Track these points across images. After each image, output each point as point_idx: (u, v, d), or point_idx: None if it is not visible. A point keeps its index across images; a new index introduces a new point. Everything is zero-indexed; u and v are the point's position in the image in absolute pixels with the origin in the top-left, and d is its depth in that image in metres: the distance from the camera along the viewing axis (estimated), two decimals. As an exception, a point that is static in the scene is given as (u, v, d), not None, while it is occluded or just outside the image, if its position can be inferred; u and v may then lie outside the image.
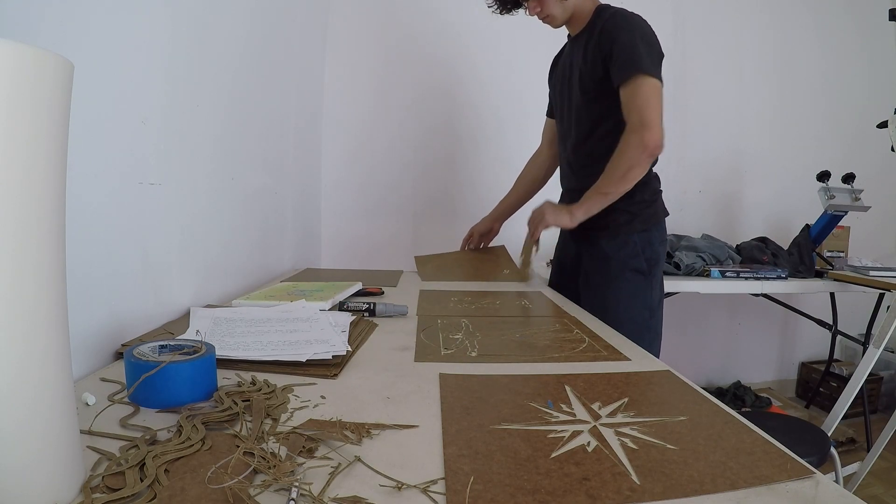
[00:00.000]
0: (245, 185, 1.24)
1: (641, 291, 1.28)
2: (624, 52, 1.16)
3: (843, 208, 2.08)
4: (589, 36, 1.25)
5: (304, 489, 0.38)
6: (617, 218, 1.28)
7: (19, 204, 0.31)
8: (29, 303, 0.32)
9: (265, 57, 1.38)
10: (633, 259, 1.27)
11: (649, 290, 1.29)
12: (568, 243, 1.46)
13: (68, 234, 0.37)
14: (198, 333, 0.72)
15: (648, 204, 1.30)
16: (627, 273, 1.27)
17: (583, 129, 1.32)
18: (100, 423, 0.48)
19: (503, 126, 2.35)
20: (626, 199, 1.25)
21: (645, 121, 1.15)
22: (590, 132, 1.31)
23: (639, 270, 1.27)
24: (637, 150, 1.16)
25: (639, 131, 1.15)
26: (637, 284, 1.28)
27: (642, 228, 1.28)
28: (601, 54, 1.20)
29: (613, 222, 1.28)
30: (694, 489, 0.40)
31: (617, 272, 1.28)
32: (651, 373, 0.68)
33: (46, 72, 0.33)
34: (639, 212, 1.28)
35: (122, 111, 0.71)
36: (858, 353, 2.55)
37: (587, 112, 1.30)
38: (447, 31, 2.29)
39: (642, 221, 1.29)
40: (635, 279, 1.27)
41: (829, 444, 1.37)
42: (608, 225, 1.28)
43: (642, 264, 1.27)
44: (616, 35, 1.18)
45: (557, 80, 1.43)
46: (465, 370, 0.67)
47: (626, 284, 1.27)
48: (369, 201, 2.31)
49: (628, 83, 1.16)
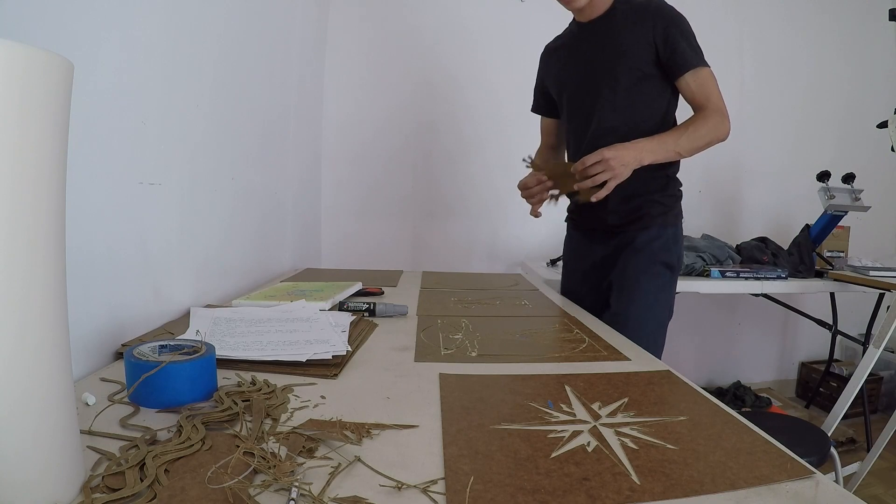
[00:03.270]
0: (245, 185, 1.24)
1: (667, 289, 1.23)
2: (687, 40, 1.14)
3: (843, 208, 2.08)
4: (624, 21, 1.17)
5: (304, 489, 0.38)
6: (650, 209, 1.22)
7: (19, 204, 0.31)
8: (29, 303, 0.32)
9: (265, 57, 1.38)
10: (664, 252, 1.22)
11: (672, 290, 1.25)
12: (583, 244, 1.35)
13: (68, 234, 0.37)
14: (198, 333, 0.72)
15: (677, 199, 1.27)
16: (658, 266, 1.21)
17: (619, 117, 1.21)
18: (100, 423, 0.48)
19: (503, 126, 2.35)
20: (661, 189, 1.23)
21: (722, 109, 1.14)
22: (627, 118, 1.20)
23: (668, 265, 1.22)
24: (720, 129, 1.13)
25: (720, 114, 1.14)
26: (664, 280, 1.22)
27: (672, 223, 1.25)
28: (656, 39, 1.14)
29: (647, 214, 1.22)
30: (694, 489, 0.40)
31: (647, 264, 1.21)
32: (651, 373, 0.68)
33: (46, 72, 0.33)
34: (671, 205, 1.25)
35: (122, 111, 0.71)
36: (858, 353, 2.55)
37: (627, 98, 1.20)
38: (447, 31, 2.29)
39: (674, 216, 1.25)
40: (664, 274, 1.22)
41: (829, 444, 1.37)
42: (642, 216, 1.22)
43: (673, 259, 1.23)
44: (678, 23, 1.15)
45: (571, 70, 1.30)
46: (465, 370, 0.67)
47: (654, 279, 1.21)
48: (369, 201, 2.31)
49: (697, 71, 1.13)
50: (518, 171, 1.70)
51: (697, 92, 1.15)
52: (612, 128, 1.20)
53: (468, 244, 2.37)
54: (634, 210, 1.22)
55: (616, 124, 1.20)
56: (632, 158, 1.08)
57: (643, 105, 1.20)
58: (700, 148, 1.14)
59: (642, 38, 1.16)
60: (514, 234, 2.38)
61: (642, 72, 1.17)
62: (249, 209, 1.29)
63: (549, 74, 1.38)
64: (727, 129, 1.15)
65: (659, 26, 1.14)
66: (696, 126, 1.13)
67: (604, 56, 1.21)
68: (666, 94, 1.20)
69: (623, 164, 1.07)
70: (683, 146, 1.13)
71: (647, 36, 1.15)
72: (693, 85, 1.15)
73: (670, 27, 1.14)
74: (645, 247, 1.22)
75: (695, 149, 1.14)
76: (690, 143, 1.13)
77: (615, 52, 1.19)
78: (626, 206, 1.23)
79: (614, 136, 1.15)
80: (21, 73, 0.31)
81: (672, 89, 1.20)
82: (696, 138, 1.13)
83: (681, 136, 1.13)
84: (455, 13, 2.29)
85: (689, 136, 1.13)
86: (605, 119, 1.22)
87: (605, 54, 1.20)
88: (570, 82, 1.31)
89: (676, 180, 1.27)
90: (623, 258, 1.24)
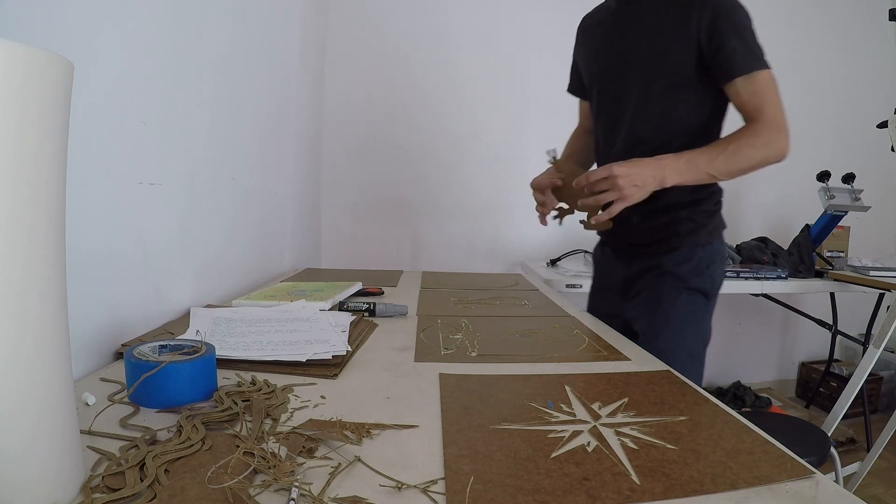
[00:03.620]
0: (245, 185, 1.24)
1: (699, 317, 1.05)
2: (740, 37, 0.93)
3: (843, 208, 2.08)
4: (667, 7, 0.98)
5: (304, 489, 0.38)
6: (679, 227, 1.05)
7: (19, 204, 0.31)
8: (29, 303, 0.32)
9: (265, 57, 1.38)
10: (696, 276, 1.04)
11: (707, 317, 1.07)
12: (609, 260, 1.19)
13: (68, 234, 0.37)
14: (198, 333, 0.72)
15: (713, 213, 1.08)
16: (686, 293, 1.04)
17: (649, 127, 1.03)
18: (100, 423, 0.48)
19: (503, 126, 2.35)
20: (692, 205, 1.05)
21: (779, 122, 0.93)
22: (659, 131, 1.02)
23: (700, 290, 1.04)
24: (772, 148, 0.93)
25: (775, 129, 0.92)
26: (695, 308, 1.04)
27: (707, 241, 1.06)
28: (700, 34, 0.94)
29: (674, 233, 1.05)
30: (694, 489, 0.40)
31: (674, 290, 1.04)
32: (651, 373, 0.68)
33: (47, 72, 0.33)
34: (705, 221, 1.06)
35: (122, 111, 0.71)
36: (858, 353, 2.55)
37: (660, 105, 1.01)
38: (447, 31, 2.29)
39: (708, 233, 1.06)
40: (696, 300, 1.04)
41: (829, 444, 1.37)
42: (668, 236, 1.05)
43: (706, 283, 1.05)
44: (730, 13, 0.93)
45: (601, 60, 1.10)
46: (465, 370, 0.67)
47: (682, 306, 1.03)
48: (369, 201, 2.31)
49: (751, 77, 0.92)
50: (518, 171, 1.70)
51: (749, 101, 0.94)
52: (641, 139, 1.03)
53: (468, 244, 2.37)
54: (660, 228, 1.06)
55: (645, 135, 1.03)
56: (649, 178, 0.91)
57: (679, 116, 1.01)
58: (744, 170, 0.94)
59: (685, 32, 0.95)
60: (514, 234, 2.38)
61: (682, 75, 0.98)
62: (249, 209, 1.29)
63: (581, 55, 1.19)
64: (783, 149, 0.93)
65: (705, 18, 0.93)
66: (740, 143, 0.93)
67: (639, 51, 1.02)
68: (708, 103, 1.00)
69: (635, 184, 0.90)
70: (719, 167, 0.93)
71: (689, 29, 0.95)
72: (744, 93, 0.94)
73: (719, 19, 0.92)
74: (672, 270, 1.05)
75: (735, 171, 0.94)
76: (729, 164, 0.93)
77: (652, 48, 1.00)
78: (650, 223, 1.06)
79: (642, 149, 0.97)
80: (21, 73, 0.31)
81: (720, 97, 1.00)
82: (739, 159, 0.92)
83: (718, 154, 0.93)
84: (455, 16, 2.29)
85: (730, 155, 0.92)
86: (635, 128, 1.04)
87: (641, 49, 1.01)
88: (600, 75, 1.12)
89: (715, 194, 1.08)
90: (647, 282, 1.08)
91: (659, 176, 0.92)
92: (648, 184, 0.91)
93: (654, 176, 0.91)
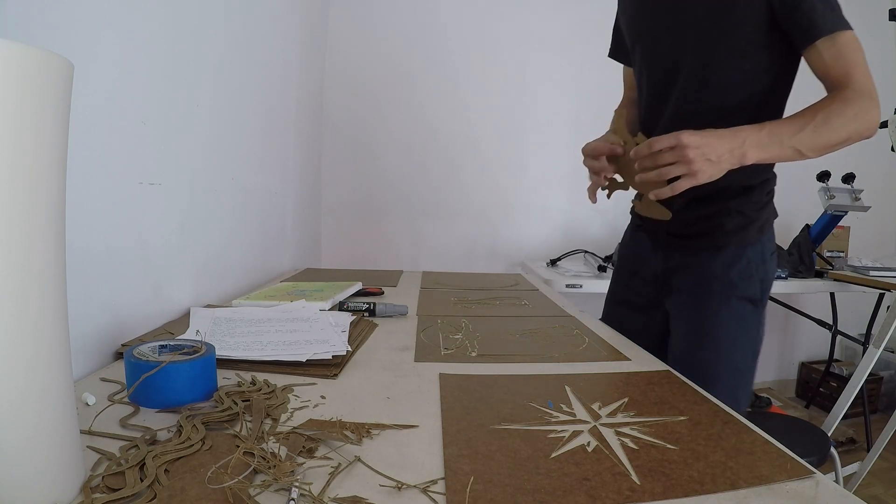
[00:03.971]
0: (245, 185, 1.24)
1: (750, 327, 0.92)
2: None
3: (843, 208, 2.08)
4: None
5: (304, 489, 0.38)
6: (726, 222, 0.92)
7: (19, 204, 0.31)
8: (29, 303, 0.32)
9: (265, 57, 1.38)
10: (744, 281, 0.91)
11: (758, 326, 0.93)
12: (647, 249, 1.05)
13: (68, 234, 0.37)
14: (198, 333, 0.72)
15: (764, 205, 0.94)
16: (735, 301, 0.91)
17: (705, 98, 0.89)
18: (100, 423, 0.48)
19: (503, 126, 2.35)
20: (743, 194, 0.92)
21: (870, 90, 0.80)
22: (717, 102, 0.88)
23: (750, 298, 0.91)
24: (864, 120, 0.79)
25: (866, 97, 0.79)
26: (746, 318, 0.92)
27: (757, 238, 0.93)
28: None
29: (719, 227, 0.92)
30: (694, 489, 0.40)
31: (721, 298, 0.91)
32: (651, 373, 0.68)
33: (47, 72, 0.33)
34: (755, 215, 0.93)
35: (122, 111, 0.71)
36: (858, 353, 2.55)
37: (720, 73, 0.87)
38: (448, 32, 2.30)
39: (758, 229, 0.93)
40: (744, 310, 0.91)
41: (829, 444, 1.37)
42: (712, 230, 0.92)
43: (755, 289, 0.92)
44: None
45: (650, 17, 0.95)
46: (465, 370, 0.67)
47: (731, 317, 0.91)
48: (369, 201, 2.31)
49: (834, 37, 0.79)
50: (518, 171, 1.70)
51: (833, 66, 0.80)
52: (693, 113, 0.89)
53: (468, 244, 2.37)
54: (704, 220, 0.93)
55: (699, 109, 0.89)
56: (726, 152, 0.76)
57: (741, 86, 0.87)
58: (832, 145, 0.79)
59: None
60: (514, 234, 2.39)
61: (749, 39, 0.84)
62: (249, 209, 1.29)
63: (625, 12, 1.02)
64: (875, 121, 0.80)
65: None
66: (828, 113, 0.78)
67: (697, 7, 0.87)
68: (774, 72, 0.86)
69: (708, 157, 0.75)
70: (806, 141, 0.77)
71: None
72: (827, 56, 0.80)
73: None
74: (719, 275, 0.92)
75: (824, 146, 0.79)
76: (819, 138, 0.77)
77: (711, 4, 0.85)
78: (692, 213, 0.93)
79: (694, 125, 0.79)
80: (21, 73, 0.31)
81: (788, 66, 0.87)
82: (829, 131, 0.78)
83: (805, 125, 0.77)
84: (455, 15, 2.29)
85: (818, 126, 0.77)
86: (688, 99, 0.90)
87: (700, 5, 0.86)
88: (646, 34, 0.96)
89: (769, 181, 0.95)
90: (686, 282, 0.96)
91: (738, 151, 0.76)
92: (724, 159, 0.76)
93: (731, 150, 0.76)
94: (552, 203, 2.39)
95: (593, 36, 1.60)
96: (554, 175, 2.37)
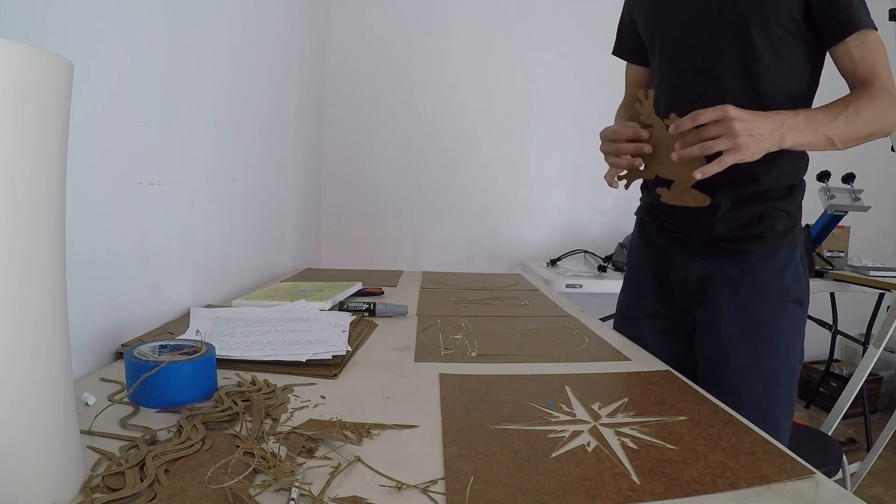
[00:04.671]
0: (245, 185, 1.24)
1: (801, 330, 0.91)
2: None
3: (843, 208, 2.08)
4: None
5: (304, 489, 0.38)
6: (776, 223, 0.88)
7: (19, 204, 0.31)
8: (29, 303, 0.32)
9: (265, 57, 1.38)
10: (796, 285, 0.90)
11: (803, 330, 0.92)
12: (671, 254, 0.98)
13: (68, 234, 0.37)
14: (198, 333, 0.72)
15: (800, 207, 0.92)
16: (789, 305, 0.89)
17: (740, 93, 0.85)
18: (100, 423, 0.48)
19: (503, 126, 2.35)
20: (788, 195, 0.89)
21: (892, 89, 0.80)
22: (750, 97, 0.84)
23: (799, 300, 0.90)
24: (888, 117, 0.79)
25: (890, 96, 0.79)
26: (797, 321, 0.90)
27: (798, 240, 0.92)
28: None
29: (771, 230, 0.88)
30: (694, 489, 0.40)
31: (778, 305, 0.88)
32: (651, 373, 0.68)
33: (47, 72, 0.33)
34: (798, 215, 0.91)
35: (122, 111, 0.71)
36: (858, 353, 2.55)
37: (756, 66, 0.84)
38: (448, 32, 2.30)
39: (800, 230, 0.92)
40: (796, 313, 0.90)
41: (840, 452, 1.34)
42: (763, 233, 0.88)
43: (804, 290, 0.91)
44: None
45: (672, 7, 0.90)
46: (465, 370, 0.67)
47: (786, 322, 0.88)
48: (369, 201, 2.31)
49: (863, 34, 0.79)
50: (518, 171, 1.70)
51: (861, 62, 0.80)
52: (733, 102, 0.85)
53: (468, 244, 2.37)
54: (754, 221, 0.88)
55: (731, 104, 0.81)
56: (767, 132, 0.74)
57: (776, 80, 0.84)
58: (859, 139, 0.79)
59: None
60: (514, 234, 2.39)
61: (786, 28, 0.81)
62: (249, 209, 1.29)
63: (642, 4, 0.97)
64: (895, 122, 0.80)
65: None
66: (859, 106, 0.77)
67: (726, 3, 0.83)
68: (807, 66, 0.85)
69: (752, 133, 0.73)
70: (839, 131, 0.77)
71: None
72: (856, 53, 0.79)
73: None
74: (774, 280, 0.89)
75: (852, 138, 0.78)
76: (850, 128, 0.77)
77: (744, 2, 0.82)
78: (742, 214, 0.89)
79: None
80: (20, 73, 0.31)
81: (818, 61, 0.86)
82: (859, 123, 0.77)
83: (839, 114, 0.77)
84: (455, 15, 2.29)
85: (850, 116, 0.77)
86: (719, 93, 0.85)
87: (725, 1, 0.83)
88: (668, 24, 0.91)
89: (803, 182, 0.93)
90: (734, 289, 0.91)
91: (778, 132, 0.75)
92: (766, 138, 0.74)
93: (772, 130, 0.74)
94: (552, 203, 2.39)
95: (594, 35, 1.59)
96: (554, 175, 2.37)
